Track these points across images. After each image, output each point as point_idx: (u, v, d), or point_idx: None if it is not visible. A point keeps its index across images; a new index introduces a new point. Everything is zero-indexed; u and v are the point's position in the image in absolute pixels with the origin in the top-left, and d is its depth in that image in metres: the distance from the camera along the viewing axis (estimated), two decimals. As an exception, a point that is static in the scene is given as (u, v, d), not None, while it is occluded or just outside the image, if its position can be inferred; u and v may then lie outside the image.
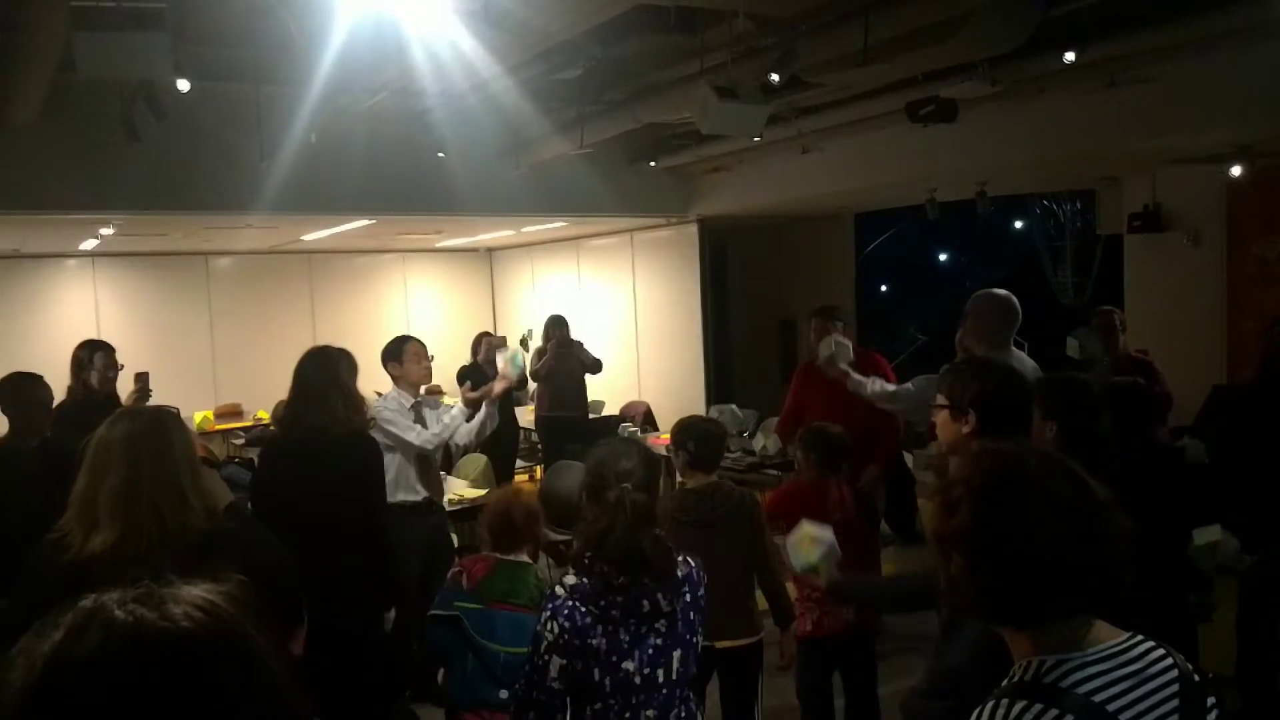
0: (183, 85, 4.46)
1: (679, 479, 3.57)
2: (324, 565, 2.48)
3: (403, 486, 4.24)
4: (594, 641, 2.18)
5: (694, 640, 2.28)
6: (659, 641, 2.21)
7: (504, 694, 2.74)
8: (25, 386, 3.78)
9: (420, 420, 4.33)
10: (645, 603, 2.17)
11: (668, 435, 7.78)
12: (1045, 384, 2.85)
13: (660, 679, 2.22)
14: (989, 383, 2.38)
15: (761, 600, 3.42)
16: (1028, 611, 1.27)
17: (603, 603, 2.16)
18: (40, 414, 3.78)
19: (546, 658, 2.19)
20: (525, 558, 3.03)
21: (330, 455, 3.33)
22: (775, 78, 4.44)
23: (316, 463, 3.31)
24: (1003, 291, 4.06)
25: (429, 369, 4.50)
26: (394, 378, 4.41)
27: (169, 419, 2.22)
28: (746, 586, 3.33)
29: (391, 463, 4.11)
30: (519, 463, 8.07)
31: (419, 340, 4.52)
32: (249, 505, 3.46)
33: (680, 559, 2.29)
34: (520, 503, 3.14)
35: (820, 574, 2.63)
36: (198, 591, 0.80)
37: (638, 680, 2.20)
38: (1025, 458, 1.33)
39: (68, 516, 2.08)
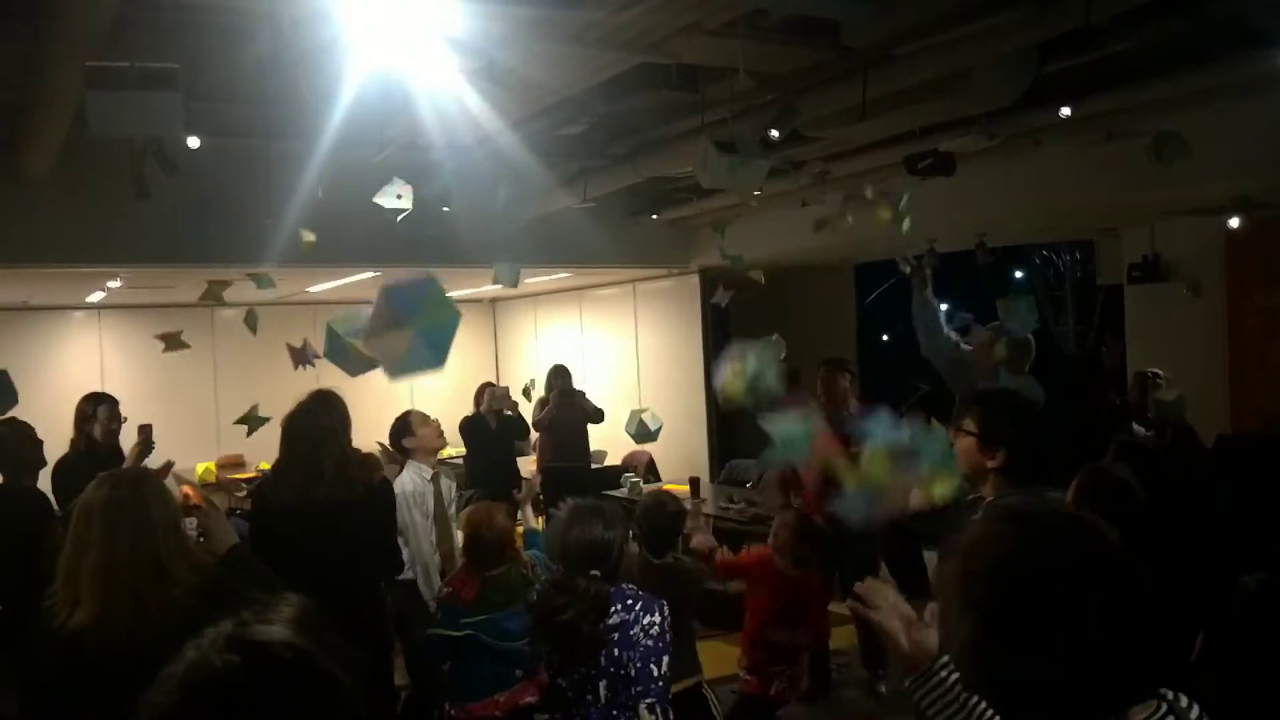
0: (193, 142, 4.54)
1: None
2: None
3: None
4: (544, 648, 2.73)
5: (622, 673, 2.60)
6: (583, 669, 2.61)
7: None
8: (12, 432, 3.84)
9: (439, 492, 4.37)
10: None
11: (671, 485, 7.77)
12: (1082, 475, 2.73)
13: (590, 700, 2.61)
14: (1025, 424, 2.35)
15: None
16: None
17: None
18: (30, 451, 3.82)
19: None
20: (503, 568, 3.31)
21: (321, 524, 3.17)
22: (775, 133, 4.51)
23: (307, 532, 3.15)
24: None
25: (439, 428, 4.56)
26: (409, 451, 4.41)
27: (147, 485, 2.23)
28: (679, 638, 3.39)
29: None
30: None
31: (416, 410, 4.61)
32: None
33: (618, 607, 2.65)
34: (494, 527, 3.33)
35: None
36: (282, 631, 1.04)
37: (570, 694, 2.63)
38: (1066, 545, 1.15)
39: (57, 586, 2.13)
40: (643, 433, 5.27)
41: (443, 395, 9.86)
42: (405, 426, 4.45)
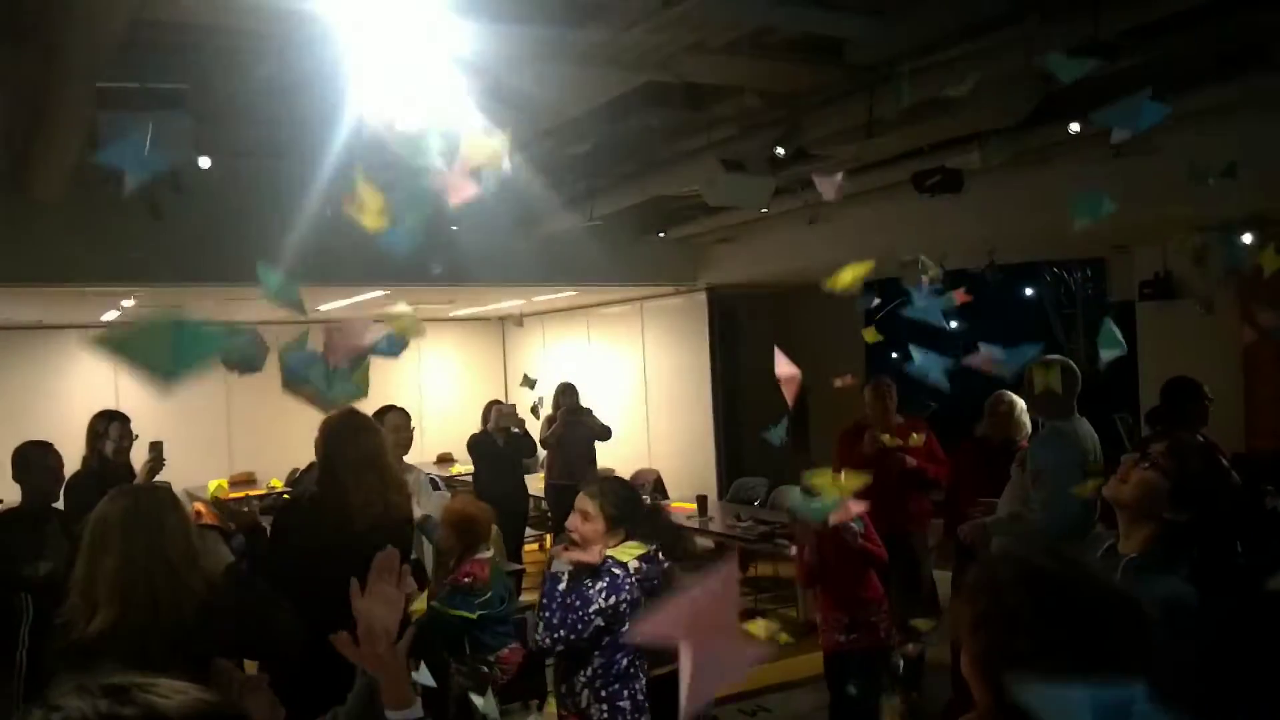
0: (204, 163, 4.58)
1: None
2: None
3: None
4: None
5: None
6: None
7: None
8: (36, 455, 3.84)
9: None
10: None
11: (679, 503, 7.73)
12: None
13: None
14: (1214, 506, 2.02)
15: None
16: None
17: None
18: (49, 478, 3.84)
19: None
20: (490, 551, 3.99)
21: (354, 547, 3.12)
22: (781, 151, 4.52)
23: (338, 556, 3.07)
24: (1063, 359, 4.20)
25: (408, 438, 4.55)
26: None
27: (163, 498, 2.29)
28: None
29: None
30: (529, 531, 8.01)
31: (401, 410, 4.55)
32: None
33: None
34: (480, 506, 4.05)
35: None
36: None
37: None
38: None
39: (71, 602, 2.14)
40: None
41: (451, 413, 9.90)
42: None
